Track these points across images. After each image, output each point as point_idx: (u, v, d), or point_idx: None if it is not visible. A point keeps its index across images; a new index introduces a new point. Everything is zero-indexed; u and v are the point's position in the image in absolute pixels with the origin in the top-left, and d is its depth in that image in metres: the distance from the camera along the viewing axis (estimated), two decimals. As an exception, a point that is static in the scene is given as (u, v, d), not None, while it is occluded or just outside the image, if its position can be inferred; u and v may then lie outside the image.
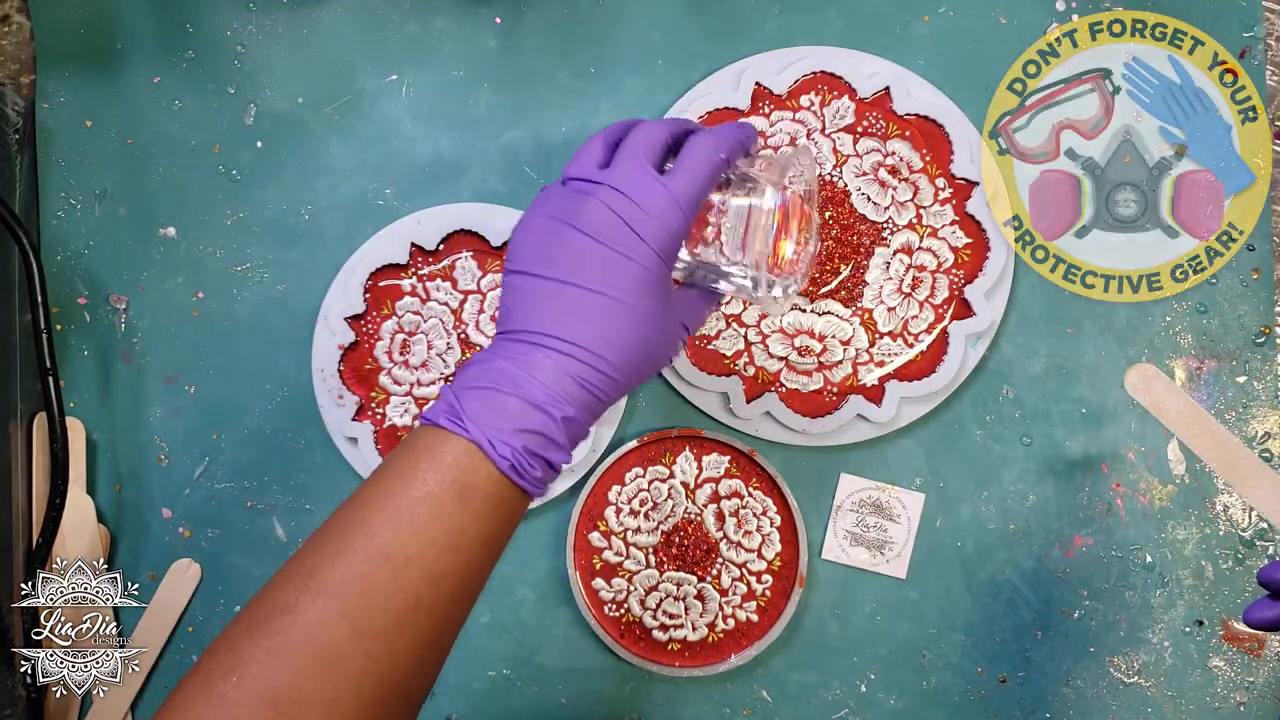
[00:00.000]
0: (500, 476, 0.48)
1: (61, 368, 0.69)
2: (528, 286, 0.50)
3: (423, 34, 0.72)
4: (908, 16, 0.72)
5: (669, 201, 0.50)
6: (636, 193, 0.50)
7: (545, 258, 0.50)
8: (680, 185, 0.50)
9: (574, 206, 0.50)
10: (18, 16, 0.72)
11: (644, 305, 0.50)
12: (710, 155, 0.52)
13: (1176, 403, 0.61)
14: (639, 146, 0.51)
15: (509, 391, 0.48)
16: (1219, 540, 0.71)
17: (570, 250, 0.49)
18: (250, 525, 0.71)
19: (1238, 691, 0.70)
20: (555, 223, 0.50)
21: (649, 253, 0.50)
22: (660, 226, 0.50)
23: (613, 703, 0.71)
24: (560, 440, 0.49)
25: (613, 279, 0.49)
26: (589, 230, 0.49)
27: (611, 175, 0.50)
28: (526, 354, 0.49)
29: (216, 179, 0.72)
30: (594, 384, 0.49)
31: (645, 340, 0.50)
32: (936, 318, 0.70)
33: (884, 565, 0.71)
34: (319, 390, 0.70)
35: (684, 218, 0.50)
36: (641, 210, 0.49)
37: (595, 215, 0.50)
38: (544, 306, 0.49)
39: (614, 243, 0.49)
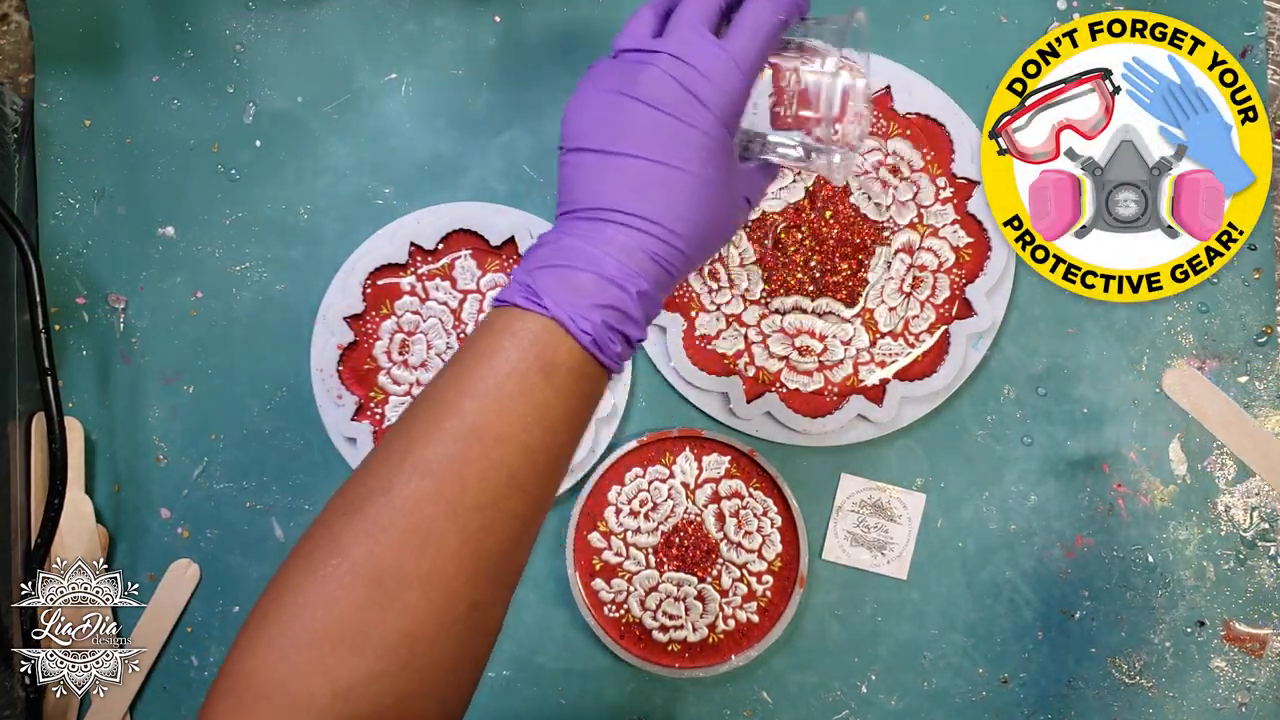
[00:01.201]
0: (582, 352, 0.47)
1: (60, 368, 0.69)
2: (588, 163, 0.49)
3: (422, 33, 0.72)
4: (908, 16, 0.72)
5: (730, 64, 0.48)
6: (696, 58, 0.48)
7: (605, 131, 0.48)
8: (740, 47, 0.49)
9: (631, 76, 0.48)
10: (16, 16, 0.72)
11: (710, 175, 0.49)
12: (769, 15, 0.50)
13: (1216, 404, 0.61)
14: (694, 12, 0.50)
15: (582, 268, 0.47)
16: (1220, 541, 0.71)
17: (631, 121, 0.48)
18: (249, 525, 0.71)
19: (1239, 692, 0.70)
20: (613, 95, 0.49)
21: (712, 119, 0.48)
22: (722, 91, 0.48)
23: (613, 704, 0.71)
24: (636, 315, 0.48)
25: (677, 149, 0.48)
26: (649, 100, 0.48)
27: (668, 43, 0.49)
28: (596, 230, 0.48)
29: (215, 178, 0.71)
30: (665, 258, 0.48)
31: (713, 211, 0.49)
32: (938, 318, 0.70)
33: (885, 566, 0.71)
34: (318, 390, 0.70)
35: (746, 81, 0.49)
36: (702, 76, 0.48)
37: (655, 84, 0.48)
38: (608, 181, 0.48)
39: (677, 111, 0.48)
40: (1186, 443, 0.71)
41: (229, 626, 0.71)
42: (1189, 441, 0.71)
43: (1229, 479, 0.71)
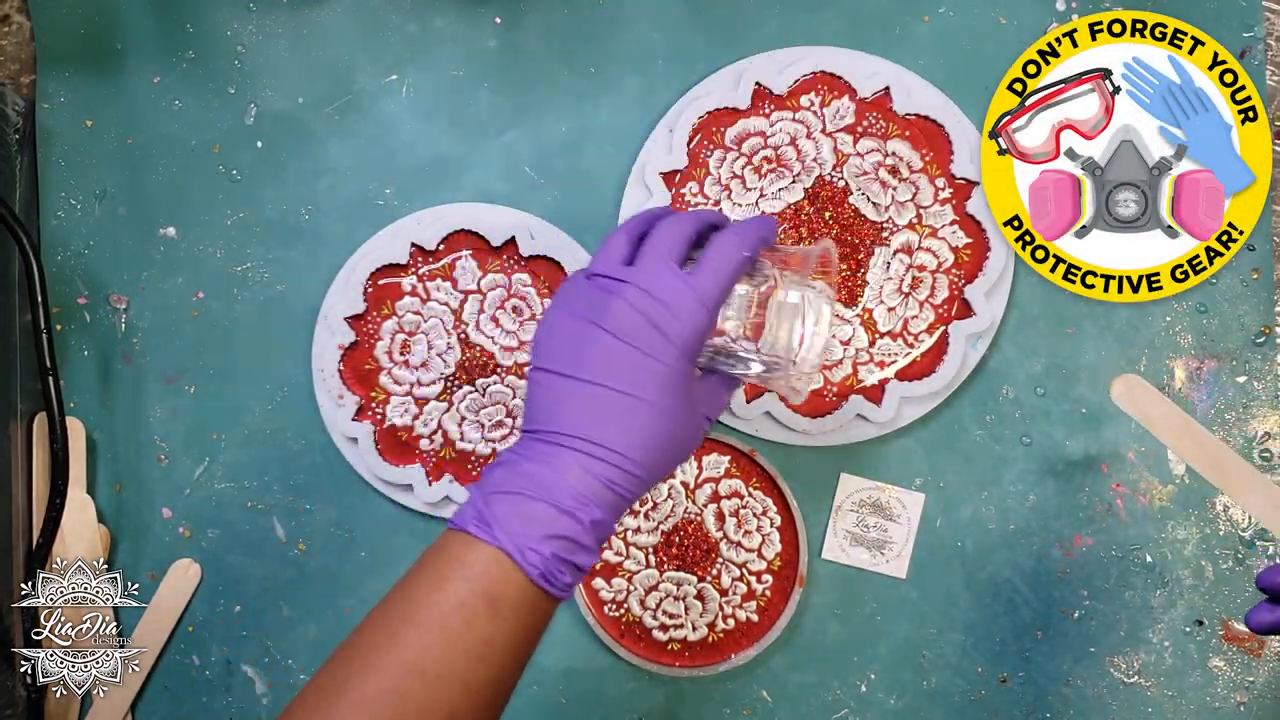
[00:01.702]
0: (530, 585, 0.48)
1: (61, 368, 0.69)
2: (554, 385, 0.50)
3: (422, 34, 0.72)
4: (908, 16, 0.72)
5: (695, 301, 0.50)
6: (662, 292, 0.50)
7: (572, 357, 0.50)
8: (705, 284, 0.51)
9: (600, 306, 0.50)
10: (18, 16, 0.72)
11: (670, 404, 0.50)
12: (735, 253, 0.52)
13: (1163, 411, 0.61)
14: (664, 244, 0.52)
15: (537, 497, 0.48)
16: (1219, 540, 0.71)
17: (597, 351, 0.50)
18: (250, 525, 0.71)
19: (1238, 692, 0.70)
20: (582, 322, 0.51)
21: (675, 352, 0.50)
22: (686, 326, 0.50)
23: (613, 703, 0.71)
24: (588, 543, 0.49)
25: (640, 380, 0.49)
26: (615, 331, 0.50)
27: (637, 274, 0.51)
28: (554, 456, 0.49)
29: (217, 179, 0.72)
30: (621, 485, 0.49)
31: (672, 436, 0.50)
32: (937, 318, 0.70)
33: (884, 565, 0.71)
34: (319, 390, 0.70)
35: (710, 316, 0.51)
36: (668, 310, 0.50)
37: (621, 316, 0.50)
38: (571, 407, 0.50)
39: (641, 344, 0.50)
40: (1185, 443, 0.71)
41: (230, 626, 0.71)
42: (1188, 441, 0.71)
43: (1228, 479, 0.71)
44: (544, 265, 0.70)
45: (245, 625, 0.71)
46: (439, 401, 0.70)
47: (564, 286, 0.53)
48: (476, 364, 0.70)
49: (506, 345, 0.70)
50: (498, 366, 0.70)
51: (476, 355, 0.70)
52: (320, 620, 0.71)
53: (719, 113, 0.70)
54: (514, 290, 0.70)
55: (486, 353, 0.70)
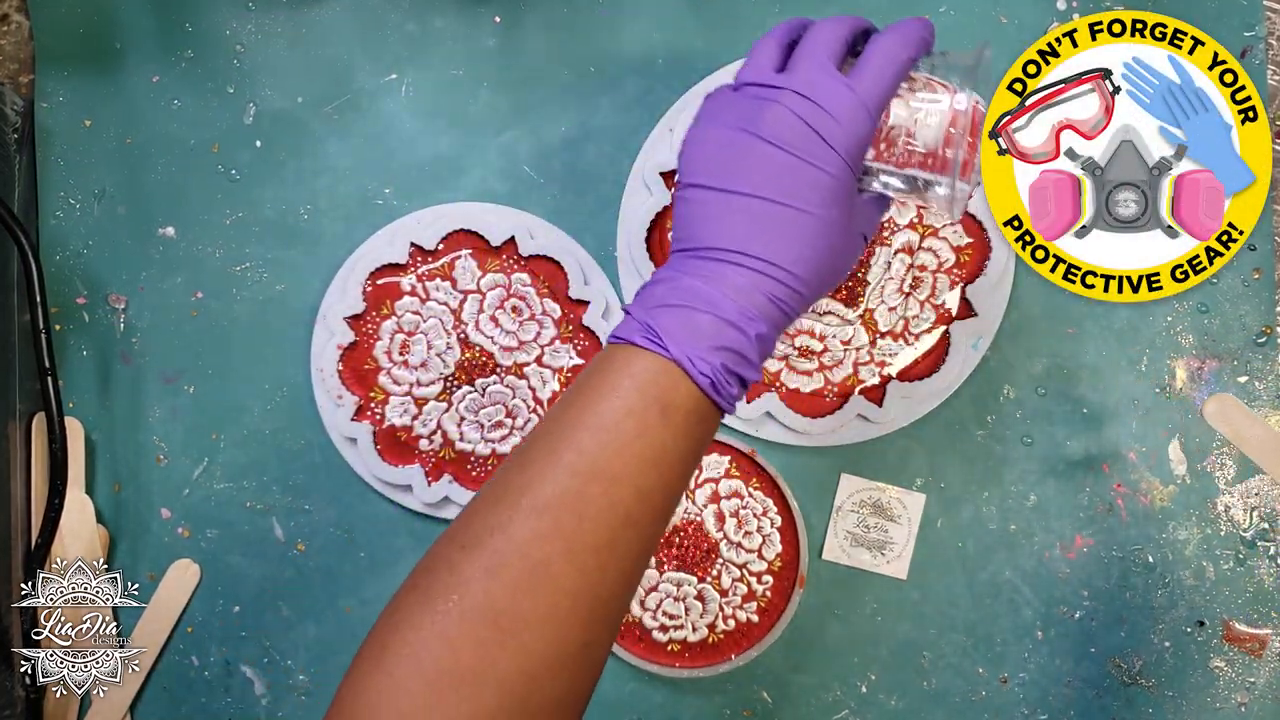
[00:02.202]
0: (700, 394, 0.47)
1: (60, 368, 0.69)
2: (709, 200, 0.48)
3: (422, 33, 0.72)
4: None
5: (857, 105, 0.47)
6: (822, 97, 0.47)
7: (727, 169, 0.48)
8: (867, 87, 0.48)
9: (755, 113, 0.48)
10: (17, 16, 0.72)
11: (833, 216, 0.48)
12: (897, 54, 0.49)
13: (1256, 431, 0.61)
14: (820, 47, 0.49)
15: (703, 310, 0.47)
16: (1220, 541, 0.71)
17: (756, 160, 0.47)
18: (249, 525, 0.71)
19: (1239, 692, 0.70)
20: (736, 132, 0.48)
21: (839, 160, 0.47)
22: (849, 132, 0.47)
23: (613, 703, 0.71)
24: (753, 358, 0.47)
25: (802, 190, 0.47)
26: (774, 139, 0.47)
27: (794, 79, 0.48)
28: (715, 271, 0.47)
29: (216, 178, 0.71)
30: (784, 300, 0.47)
31: (833, 251, 0.48)
32: (938, 318, 0.70)
33: (885, 566, 0.71)
34: (318, 390, 0.70)
35: (872, 122, 0.48)
36: (829, 115, 0.47)
37: (780, 122, 0.47)
38: (730, 221, 0.48)
39: (803, 151, 0.47)
40: (1186, 443, 0.71)
41: (229, 626, 0.71)
42: (1188, 442, 0.71)
43: (1229, 479, 0.71)
44: (544, 265, 0.70)
45: (244, 625, 0.71)
46: (438, 402, 0.70)
47: (708, 101, 0.50)
48: (476, 364, 0.70)
49: (506, 345, 0.70)
50: (497, 366, 0.70)
51: (476, 355, 0.70)
52: (319, 621, 0.71)
53: (719, 112, 0.70)
54: (514, 290, 0.70)
55: (486, 353, 0.70)
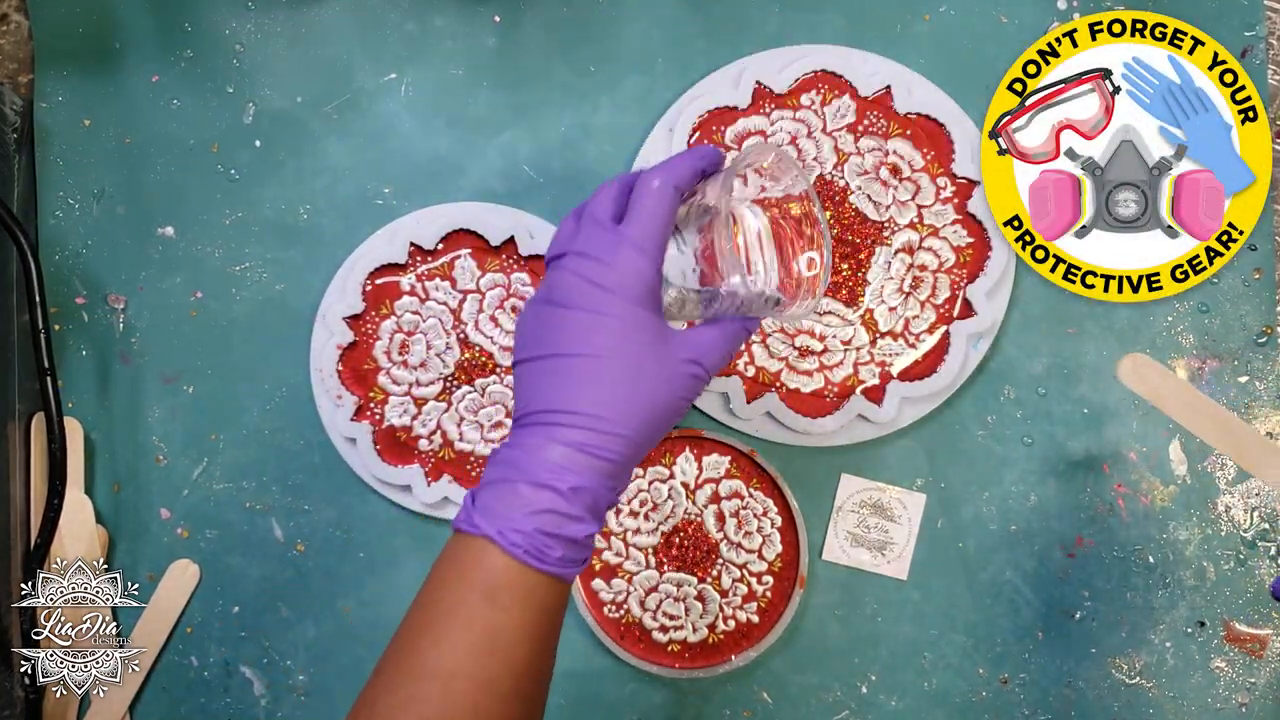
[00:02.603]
0: (521, 566, 0.47)
1: (60, 368, 0.69)
2: (524, 372, 0.51)
3: (421, 33, 0.72)
4: (908, 15, 0.72)
5: (627, 245, 0.50)
6: (595, 249, 0.50)
7: (536, 339, 0.51)
8: (633, 228, 0.50)
9: (548, 284, 0.51)
10: (16, 16, 0.72)
11: (630, 353, 0.50)
12: (656, 190, 0.51)
13: (1173, 387, 0.61)
14: (594, 208, 0.52)
15: (516, 478, 0.48)
16: (1221, 541, 0.71)
17: (551, 325, 0.50)
18: (249, 525, 0.71)
19: (1239, 693, 0.70)
20: (537, 305, 0.51)
21: (618, 301, 0.50)
22: (624, 273, 0.50)
23: (613, 704, 0.71)
24: (575, 513, 0.48)
25: (590, 337, 0.49)
26: (561, 301, 0.50)
27: (574, 243, 0.51)
28: (529, 435, 0.49)
29: (215, 178, 0.71)
30: (598, 446, 0.49)
31: (642, 389, 0.50)
32: (938, 318, 0.70)
33: (885, 566, 0.71)
34: (317, 390, 0.70)
35: (648, 258, 0.50)
36: (602, 264, 0.50)
37: (563, 285, 0.50)
38: (539, 386, 0.50)
39: (585, 303, 0.50)
40: (1186, 443, 0.71)
41: (229, 626, 0.71)
42: (1189, 442, 0.71)
43: (1229, 479, 0.71)
44: (543, 265, 0.70)
45: (244, 626, 0.71)
46: (438, 402, 0.70)
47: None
48: (475, 364, 0.70)
49: (506, 345, 0.70)
50: (497, 366, 0.70)
51: (475, 355, 0.70)
52: (319, 621, 0.71)
53: (719, 112, 0.70)
54: (513, 290, 0.70)
55: (485, 353, 0.70)
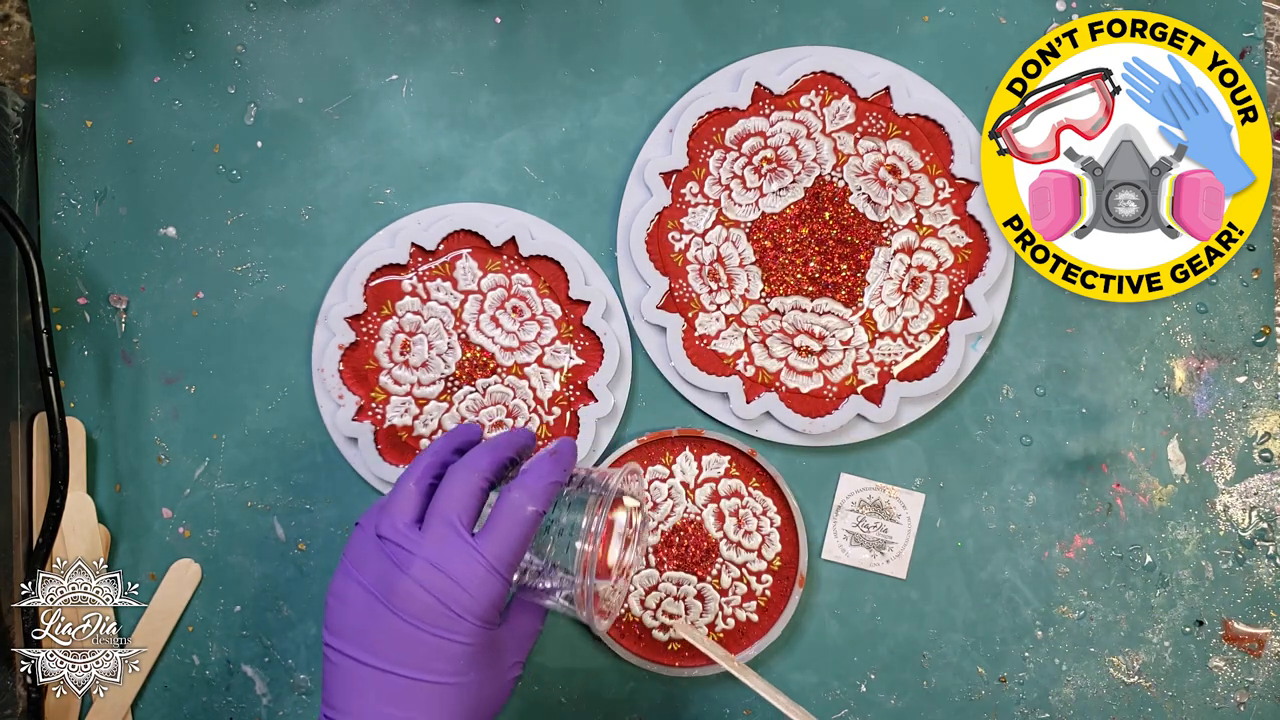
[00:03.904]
0: None
1: (61, 368, 0.69)
2: (348, 668, 0.49)
3: (423, 34, 0.72)
4: (908, 16, 0.72)
5: (485, 570, 0.49)
6: (450, 565, 0.49)
7: (364, 637, 0.49)
8: (495, 549, 0.49)
9: (390, 581, 0.49)
10: (18, 16, 0.72)
11: (471, 677, 0.49)
12: (524, 515, 0.50)
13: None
14: (452, 505, 0.50)
15: None
16: (1219, 540, 0.71)
17: (389, 633, 0.48)
18: (250, 525, 0.71)
19: (1238, 692, 0.70)
20: (371, 599, 0.49)
21: (470, 628, 0.49)
22: (480, 599, 0.49)
23: (613, 703, 0.71)
24: None
25: (434, 662, 0.48)
26: (405, 614, 0.48)
27: (425, 544, 0.49)
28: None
29: (216, 179, 0.72)
30: None
31: (476, 701, 0.49)
32: (937, 318, 0.70)
33: (884, 565, 0.71)
34: (319, 390, 0.70)
35: (504, 582, 0.49)
36: (458, 586, 0.48)
37: (410, 597, 0.49)
38: (365, 695, 0.49)
39: (434, 625, 0.48)
40: (1185, 443, 0.71)
41: (230, 626, 0.71)
42: (1187, 442, 0.71)
43: (1228, 479, 0.71)
44: (544, 265, 0.70)
45: (245, 625, 0.71)
46: (439, 401, 0.70)
47: (353, 542, 0.52)
48: (477, 364, 0.70)
49: (507, 345, 0.70)
50: (498, 366, 0.70)
51: (477, 355, 0.70)
52: (320, 620, 0.71)
53: (719, 113, 0.70)
54: (514, 290, 0.70)
55: (487, 353, 0.70)
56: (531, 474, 0.52)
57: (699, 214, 0.70)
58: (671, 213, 0.70)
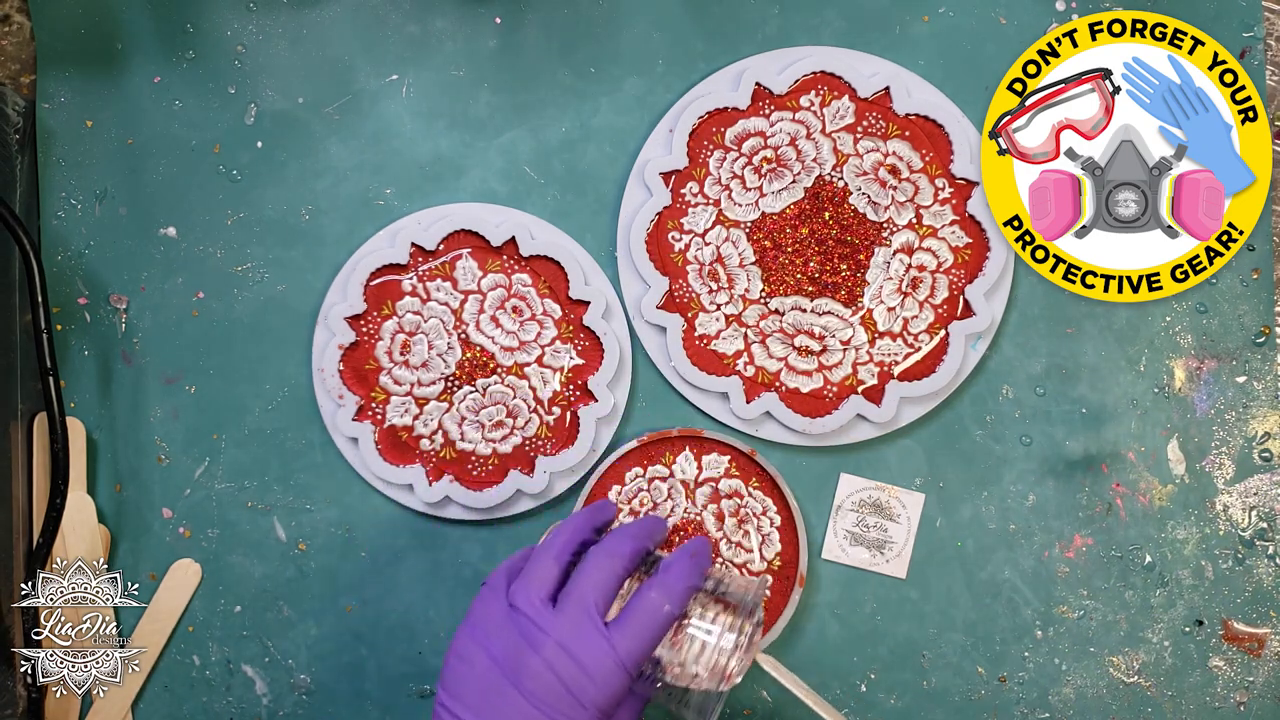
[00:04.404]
0: None
1: (62, 368, 0.69)
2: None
3: (423, 34, 0.72)
4: (908, 16, 0.72)
5: (615, 664, 0.49)
6: (583, 654, 0.48)
7: (482, 709, 0.49)
8: (628, 645, 0.49)
9: (518, 657, 0.49)
10: (18, 16, 0.72)
11: None
12: (660, 615, 0.50)
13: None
14: (590, 591, 0.50)
15: None
16: (1219, 540, 0.71)
17: (508, 709, 0.48)
18: (250, 525, 0.71)
19: (1238, 691, 0.71)
20: (496, 670, 0.49)
21: (589, 717, 0.49)
22: (604, 692, 0.49)
23: (613, 703, 0.71)
24: None
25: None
26: (530, 694, 0.48)
27: (559, 625, 0.49)
28: None
29: (217, 179, 0.72)
30: None
31: None
32: (937, 318, 0.70)
33: (884, 565, 0.71)
34: (319, 390, 0.70)
35: (628, 679, 0.49)
36: (586, 675, 0.48)
37: (539, 679, 0.48)
38: None
39: (554, 710, 0.48)
40: (1185, 442, 0.71)
41: (230, 626, 0.71)
42: (1187, 441, 0.71)
43: (1227, 479, 0.71)
44: (544, 265, 0.70)
45: (245, 625, 0.71)
46: (439, 401, 0.70)
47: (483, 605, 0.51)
48: (477, 364, 0.70)
49: (507, 345, 0.70)
50: (498, 366, 0.70)
51: (477, 355, 0.70)
52: (320, 620, 0.71)
53: (719, 113, 0.70)
54: (514, 290, 0.70)
55: (487, 353, 0.70)
56: (672, 574, 0.52)
57: (699, 214, 0.71)
58: (671, 213, 0.70)
